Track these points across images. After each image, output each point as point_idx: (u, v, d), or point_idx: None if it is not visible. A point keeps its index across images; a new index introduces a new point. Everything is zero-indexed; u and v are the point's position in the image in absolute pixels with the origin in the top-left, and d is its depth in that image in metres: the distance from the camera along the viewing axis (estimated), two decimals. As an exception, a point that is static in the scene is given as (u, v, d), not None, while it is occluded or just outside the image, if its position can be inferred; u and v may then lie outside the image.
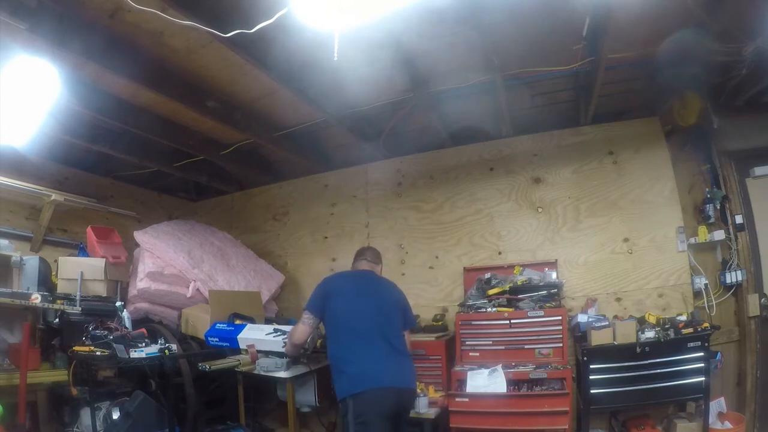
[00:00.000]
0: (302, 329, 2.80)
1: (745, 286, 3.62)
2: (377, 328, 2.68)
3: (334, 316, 2.70)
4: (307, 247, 5.13)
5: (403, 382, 2.64)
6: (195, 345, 3.79)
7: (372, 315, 2.71)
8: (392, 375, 2.59)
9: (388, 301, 2.89)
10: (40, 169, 4.08)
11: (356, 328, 2.65)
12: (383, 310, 2.79)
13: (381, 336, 2.68)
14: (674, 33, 2.89)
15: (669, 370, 3.17)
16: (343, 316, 2.69)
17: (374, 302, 2.80)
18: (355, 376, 2.51)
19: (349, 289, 2.80)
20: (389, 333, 2.72)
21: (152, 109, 3.67)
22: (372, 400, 2.45)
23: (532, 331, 3.53)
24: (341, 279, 2.98)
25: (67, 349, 3.30)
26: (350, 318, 2.67)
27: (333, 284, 2.84)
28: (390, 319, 2.79)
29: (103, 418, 3.19)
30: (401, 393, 2.62)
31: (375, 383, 2.49)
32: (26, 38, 2.43)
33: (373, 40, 2.66)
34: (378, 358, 2.60)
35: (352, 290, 2.81)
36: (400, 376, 2.63)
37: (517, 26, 2.88)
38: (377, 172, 4.86)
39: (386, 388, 2.52)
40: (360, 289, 2.85)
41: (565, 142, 4.19)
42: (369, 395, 2.46)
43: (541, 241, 4.15)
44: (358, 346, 2.61)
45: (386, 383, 2.53)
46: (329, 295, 2.74)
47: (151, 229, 4.32)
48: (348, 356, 2.59)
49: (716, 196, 3.74)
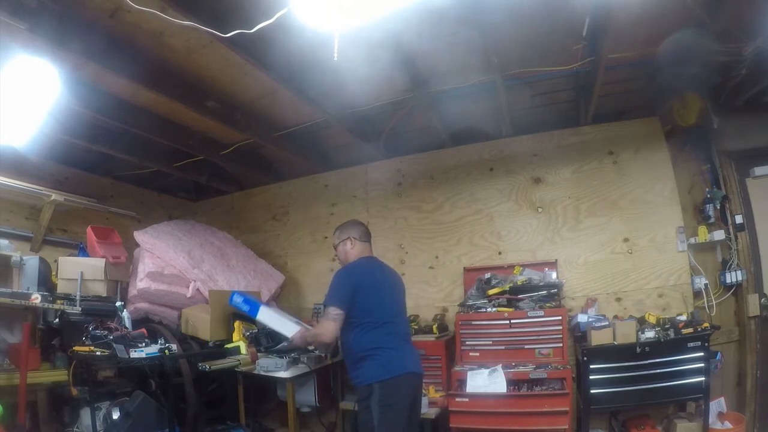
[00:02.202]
0: (333, 327, 2.60)
1: (745, 286, 3.62)
2: (399, 316, 2.83)
3: (364, 309, 2.66)
4: (307, 247, 5.13)
5: (420, 367, 2.76)
6: (195, 345, 3.79)
7: (395, 304, 2.83)
8: (413, 361, 2.72)
9: (400, 289, 2.98)
10: (40, 169, 4.08)
11: (385, 318, 2.69)
12: (400, 299, 2.94)
13: (402, 323, 2.86)
14: (674, 33, 2.89)
15: (669, 370, 3.17)
16: (374, 308, 2.68)
17: (395, 292, 2.90)
18: (385, 363, 2.57)
19: (374, 282, 2.77)
20: (406, 320, 2.97)
21: (152, 109, 3.67)
22: (400, 384, 2.55)
23: (532, 331, 3.53)
24: (365, 272, 2.83)
25: (67, 349, 3.30)
26: (380, 309, 2.69)
27: (359, 278, 2.74)
28: (404, 307, 2.96)
29: (103, 418, 3.19)
30: (419, 378, 2.75)
31: (403, 369, 2.59)
32: (26, 38, 2.43)
33: (373, 40, 2.66)
34: (402, 345, 2.72)
35: (377, 283, 2.79)
36: (417, 362, 2.76)
37: (517, 26, 2.88)
38: (377, 172, 4.87)
39: (412, 374, 2.63)
40: (383, 281, 2.85)
41: (565, 142, 4.19)
42: (398, 380, 2.54)
43: (541, 241, 4.15)
44: (388, 334, 2.66)
45: (411, 369, 2.64)
46: (357, 290, 2.67)
47: (151, 229, 4.32)
48: (379, 345, 2.62)
49: (716, 196, 3.74)
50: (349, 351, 2.70)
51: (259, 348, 3.62)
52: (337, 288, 2.68)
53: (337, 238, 2.95)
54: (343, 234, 2.93)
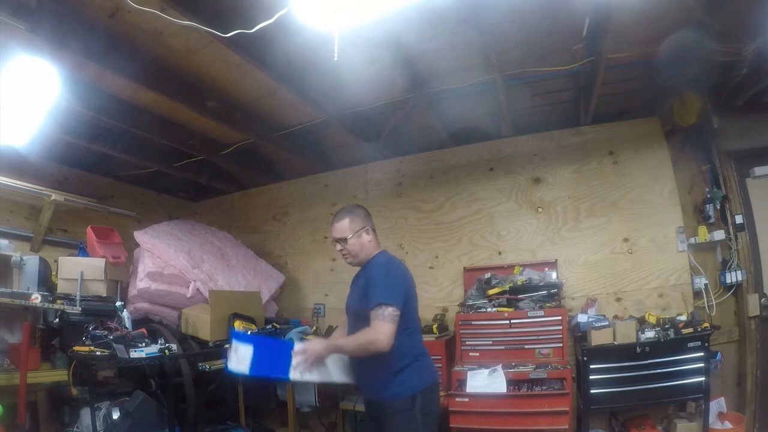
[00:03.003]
0: (391, 330, 2.14)
1: (745, 286, 3.62)
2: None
3: (410, 313, 2.34)
4: (307, 247, 5.13)
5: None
6: (195, 345, 3.79)
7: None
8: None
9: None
10: (40, 169, 4.08)
11: (418, 321, 2.50)
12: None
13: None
14: (674, 33, 2.89)
15: (669, 370, 3.18)
16: (415, 312, 2.45)
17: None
18: (427, 370, 2.37)
19: (413, 282, 2.49)
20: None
21: (152, 109, 3.66)
22: (435, 390, 2.38)
23: (532, 331, 3.53)
24: (407, 270, 2.49)
25: (67, 349, 3.29)
26: (417, 313, 2.48)
27: (408, 277, 2.43)
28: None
29: (103, 418, 3.18)
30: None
31: (437, 375, 2.47)
32: (26, 38, 2.43)
33: (373, 40, 2.66)
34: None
35: (414, 283, 2.50)
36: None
37: (517, 26, 2.88)
38: (377, 172, 4.87)
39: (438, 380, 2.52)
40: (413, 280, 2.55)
41: (565, 142, 4.19)
42: (434, 387, 2.37)
43: (541, 241, 4.15)
44: (422, 340, 2.49)
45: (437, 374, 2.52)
46: (408, 290, 2.35)
47: (151, 229, 4.32)
48: (421, 351, 2.40)
49: (716, 196, 3.74)
50: (384, 362, 2.22)
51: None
52: (392, 284, 2.23)
53: (350, 229, 2.36)
54: (356, 224, 2.38)
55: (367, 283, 2.29)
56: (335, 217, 2.44)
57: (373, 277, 2.28)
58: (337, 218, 2.43)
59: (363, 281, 2.34)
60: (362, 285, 2.33)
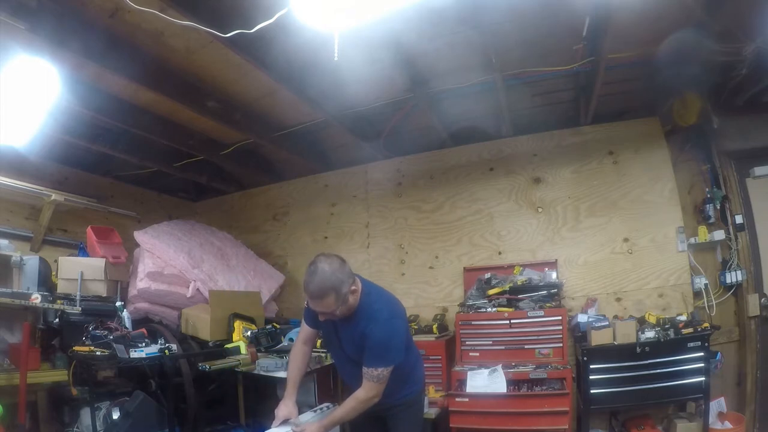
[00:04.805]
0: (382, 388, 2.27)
1: (745, 286, 3.62)
2: None
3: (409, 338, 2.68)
4: (307, 247, 5.12)
5: None
6: (195, 345, 3.79)
7: None
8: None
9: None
10: (40, 169, 4.08)
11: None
12: None
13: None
14: (674, 33, 2.89)
15: (669, 370, 3.18)
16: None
17: None
18: (421, 364, 2.66)
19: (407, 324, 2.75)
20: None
21: (152, 109, 3.66)
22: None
23: (532, 331, 3.53)
24: (403, 317, 2.51)
25: (67, 349, 3.28)
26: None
27: (406, 324, 2.58)
28: None
29: (103, 418, 3.18)
30: None
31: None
32: (26, 38, 2.43)
33: (373, 40, 2.66)
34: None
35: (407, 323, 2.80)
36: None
37: (517, 26, 2.88)
38: (377, 172, 4.87)
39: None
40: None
41: (565, 142, 4.19)
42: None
43: (541, 241, 4.15)
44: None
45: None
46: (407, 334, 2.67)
47: (151, 229, 4.32)
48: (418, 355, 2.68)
49: (716, 196, 3.75)
50: (401, 377, 2.34)
51: (259, 348, 3.63)
52: (393, 352, 2.19)
53: (335, 304, 2.13)
54: (341, 296, 2.13)
55: (363, 337, 2.19)
56: (316, 291, 2.13)
57: (374, 339, 2.16)
58: (318, 293, 2.12)
59: (358, 334, 2.21)
60: (358, 337, 2.22)
